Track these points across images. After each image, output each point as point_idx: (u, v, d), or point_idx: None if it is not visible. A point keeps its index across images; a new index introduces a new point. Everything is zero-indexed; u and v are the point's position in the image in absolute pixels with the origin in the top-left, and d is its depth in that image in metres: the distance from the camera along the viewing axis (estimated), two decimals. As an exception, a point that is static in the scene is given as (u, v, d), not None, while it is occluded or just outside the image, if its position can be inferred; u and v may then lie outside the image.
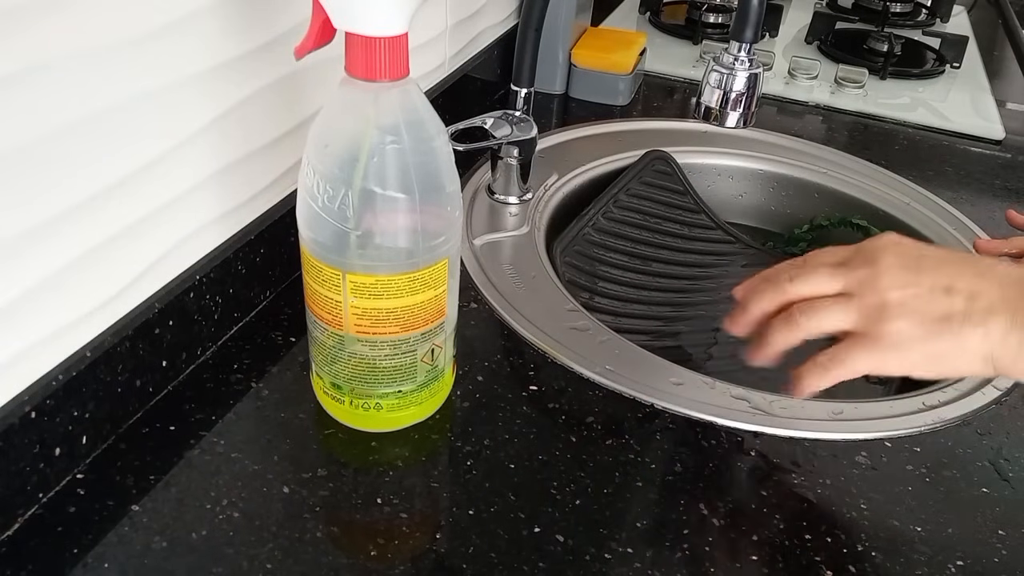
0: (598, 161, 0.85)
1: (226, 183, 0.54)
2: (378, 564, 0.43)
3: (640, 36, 1.03)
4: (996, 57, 1.31)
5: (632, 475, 0.49)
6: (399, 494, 0.47)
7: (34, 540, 0.42)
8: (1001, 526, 0.48)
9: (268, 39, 0.54)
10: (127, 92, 0.44)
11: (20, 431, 0.42)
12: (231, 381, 0.53)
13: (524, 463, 0.49)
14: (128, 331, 0.48)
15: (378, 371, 0.47)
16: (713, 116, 0.62)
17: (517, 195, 0.76)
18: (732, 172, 0.91)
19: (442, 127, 0.45)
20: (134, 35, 0.44)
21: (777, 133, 0.94)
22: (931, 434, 0.54)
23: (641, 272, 0.78)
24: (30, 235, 0.41)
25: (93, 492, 0.45)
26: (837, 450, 0.53)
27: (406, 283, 0.45)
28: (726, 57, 0.61)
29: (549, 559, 0.44)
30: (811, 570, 0.45)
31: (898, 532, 0.47)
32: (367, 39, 0.40)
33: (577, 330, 0.61)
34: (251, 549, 0.43)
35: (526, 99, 0.74)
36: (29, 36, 0.38)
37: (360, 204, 0.43)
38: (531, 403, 0.54)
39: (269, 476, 0.47)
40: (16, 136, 0.39)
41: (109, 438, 0.48)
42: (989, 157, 0.96)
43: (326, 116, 0.44)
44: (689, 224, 0.84)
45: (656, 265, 0.79)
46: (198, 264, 0.53)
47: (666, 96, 1.04)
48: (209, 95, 0.51)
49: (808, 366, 0.48)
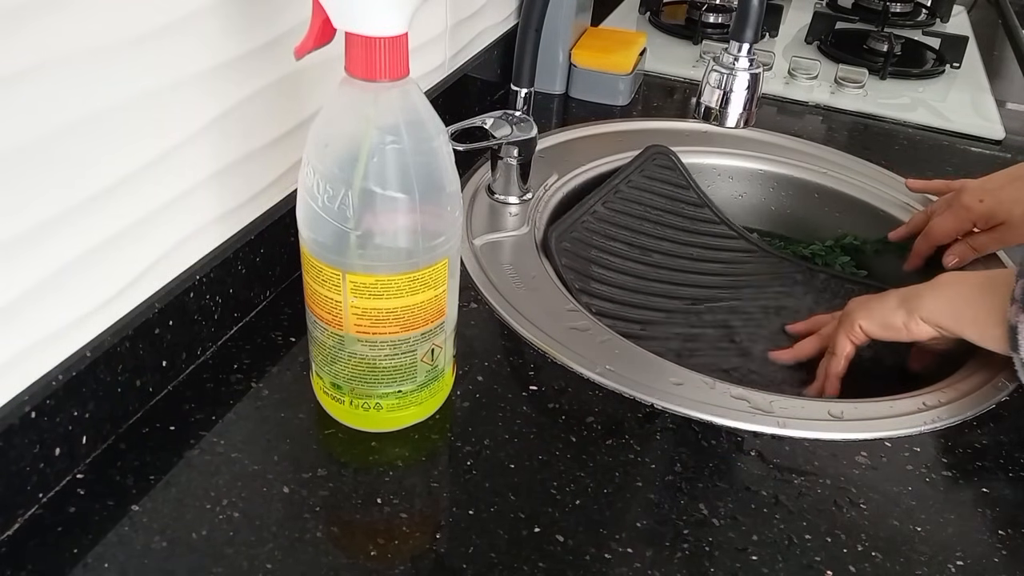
0: (598, 161, 0.85)
1: (226, 183, 0.54)
2: (378, 564, 0.43)
3: (640, 36, 1.03)
4: (996, 57, 1.31)
5: (632, 475, 0.49)
6: (399, 494, 0.47)
7: (34, 540, 0.42)
8: (1001, 526, 0.48)
9: (268, 39, 0.54)
10: (127, 92, 0.44)
11: (20, 431, 0.42)
12: (231, 381, 0.53)
13: (524, 463, 0.49)
14: (128, 331, 0.48)
15: (378, 371, 0.47)
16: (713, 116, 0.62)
17: (517, 195, 0.76)
18: (732, 172, 0.91)
19: (442, 127, 0.45)
20: (134, 35, 0.44)
21: (777, 133, 0.94)
22: (931, 434, 0.54)
23: (640, 262, 0.78)
24: (30, 235, 0.41)
25: (93, 492, 0.45)
26: (837, 450, 0.53)
27: (406, 283, 0.45)
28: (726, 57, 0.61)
29: (549, 559, 0.44)
30: (811, 570, 0.45)
31: (898, 532, 0.47)
32: (367, 39, 0.40)
33: (577, 330, 0.61)
34: (251, 549, 0.43)
35: (526, 99, 0.74)
36: (29, 36, 0.38)
37: (360, 204, 0.43)
38: (531, 403, 0.54)
39: (269, 476, 0.47)
40: (16, 136, 0.39)
41: (109, 438, 0.48)
42: (989, 157, 0.96)
43: (326, 116, 0.44)
44: (692, 218, 0.84)
45: (656, 256, 0.79)
46: (198, 264, 0.53)
47: (666, 96, 1.04)
48: (209, 95, 0.51)
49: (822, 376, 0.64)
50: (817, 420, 0.55)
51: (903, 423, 0.55)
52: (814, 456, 0.52)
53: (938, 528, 0.48)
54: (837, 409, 0.56)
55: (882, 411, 0.56)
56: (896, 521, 0.48)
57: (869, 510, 0.49)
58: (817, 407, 0.56)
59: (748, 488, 0.49)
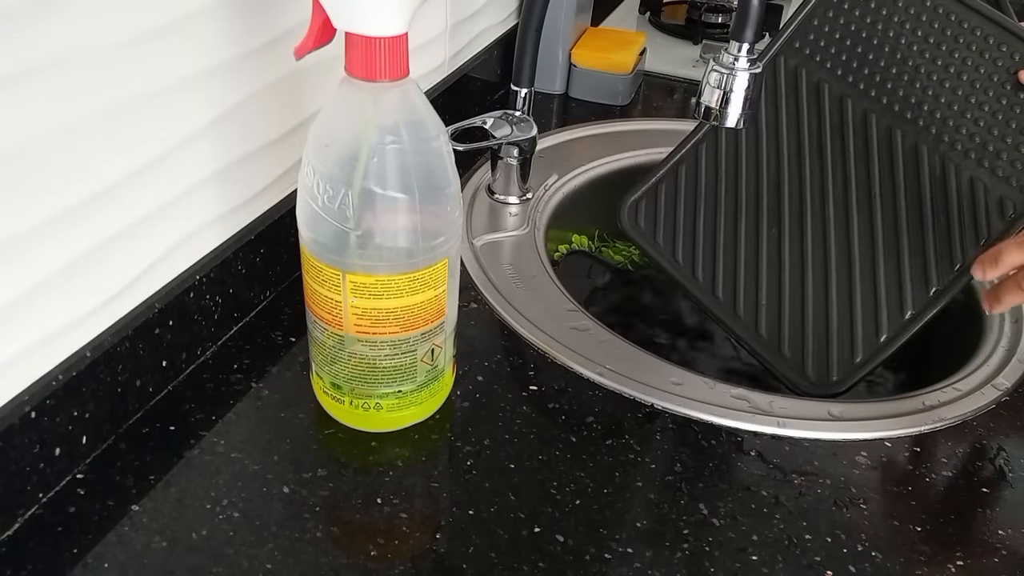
0: (598, 161, 0.85)
1: (226, 183, 0.54)
2: (378, 564, 0.43)
3: (640, 36, 1.03)
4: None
5: (632, 475, 0.49)
6: (399, 494, 0.47)
7: (34, 540, 0.42)
8: (1001, 526, 0.48)
9: (268, 39, 0.54)
10: (127, 92, 0.44)
11: (20, 431, 0.42)
12: (231, 381, 0.53)
13: (524, 463, 0.49)
14: (128, 331, 0.48)
15: (378, 371, 0.47)
16: (713, 116, 0.62)
17: (517, 195, 0.76)
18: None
19: (442, 127, 0.45)
20: (134, 35, 0.44)
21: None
22: (931, 434, 0.54)
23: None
24: (30, 235, 0.41)
25: (93, 492, 0.45)
26: (837, 450, 0.53)
27: (406, 283, 0.45)
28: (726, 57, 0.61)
29: (549, 559, 0.44)
30: (811, 570, 0.45)
31: (898, 532, 0.47)
32: (367, 39, 0.40)
33: (577, 330, 0.61)
34: (251, 549, 0.43)
35: (526, 99, 0.74)
36: (29, 36, 0.38)
37: (360, 204, 0.43)
38: (531, 403, 0.54)
39: (269, 476, 0.47)
40: (16, 136, 0.39)
41: (109, 438, 0.48)
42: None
43: (326, 116, 0.44)
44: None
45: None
46: (198, 264, 0.53)
47: (666, 96, 1.04)
48: (209, 95, 0.51)
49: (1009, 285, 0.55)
50: (817, 420, 0.55)
51: (903, 423, 0.55)
52: (814, 456, 0.52)
53: (938, 528, 0.48)
54: (837, 409, 0.56)
55: (882, 411, 0.56)
56: (896, 521, 0.48)
57: (869, 510, 0.49)
58: (817, 407, 0.56)
59: (748, 488, 0.49)
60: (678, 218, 0.71)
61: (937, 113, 0.66)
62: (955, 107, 0.66)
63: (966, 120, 0.66)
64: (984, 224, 0.64)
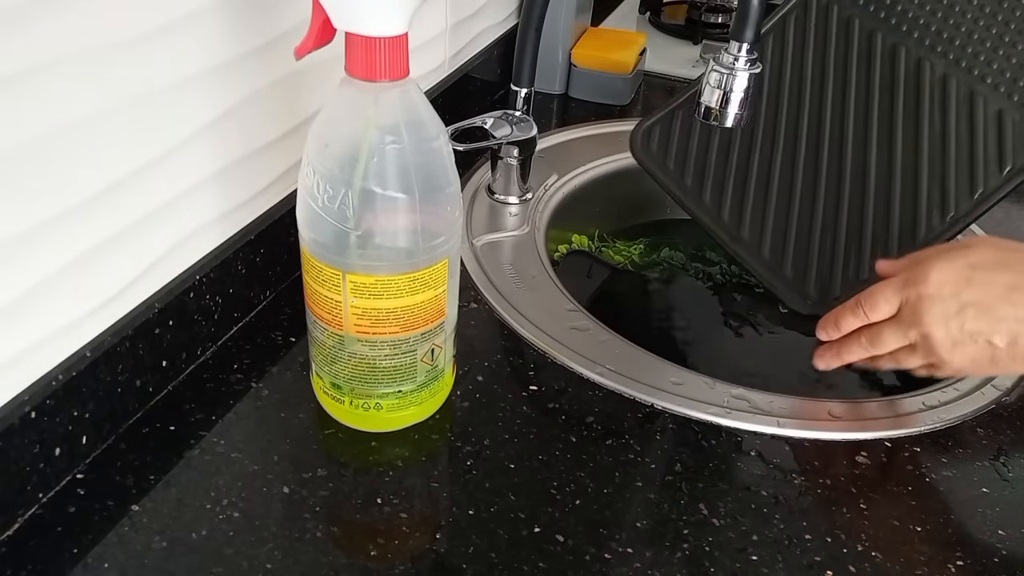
0: (598, 161, 0.85)
1: (226, 183, 0.54)
2: (378, 564, 0.43)
3: (640, 36, 1.03)
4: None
5: (632, 475, 0.49)
6: (399, 494, 0.47)
7: (34, 540, 0.42)
8: (1001, 526, 0.48)
9: (268, 39, 0.54)
10: (127, 92, 0.44)
11: (20, 431, 0.42)
12: (231, 381, 0.53)
13: (524, 463, 0.49)
14: (128, 331, 0.48)
15: (378, 371, 0.47)
16: (713, 116, 0.62)
17: (517, 195, 0.76)
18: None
19: (442, 127, 0.45)
20: (133, 35, 0.44)
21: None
22: (931, 434, 0.54)
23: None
24: (30, 235, 0.41)
25: (93, 492, 0.45)
26: (837, 450, 0.53)
27: (406, 283, 0.45)
28: (726, 57, 0.61)
29: (549, 559, 0.44)
30: (811, 570, 0.45)
31: (898, 532, 0.47)
32: (367, 39, 0.40)
33: (577, 330, 0.61)
34: (251, 549, 0.43)
35: (526, 99, 0.74)
36: (29, 36, 0.38)
37: (360, 204, 0.43)
38: (531, 403, 0.54)
39: (269, 476, 0.47)
40: (16, 136, 0.39)
41: (109, 438, 0.48)
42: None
43: (326, 116, 0.44)
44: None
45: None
46: (198, 264, 0.53)
47: (666, 96, 1.03)
48: (209, 95, 0.51)
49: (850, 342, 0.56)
50: (817, 420, 0.55)
51: (903, 423, 0.55)
52: (814, 456, 0.52)
53: (938, 528, 0.48)
54: (837, 409, 0.56)
55: (882, 411, 0.56)
56: (896, 521, 0.48)
57: (869, 510, 0.49)
58: (817, 407, 0.56)
59: (748, 488, 0.49)
60: (691, 144, 0.71)
61: (968, 48, 0.66)
62: (987, 43, 0.66)
63: (998, 56, 0.65)
64: (1009, 155, 0.63)
